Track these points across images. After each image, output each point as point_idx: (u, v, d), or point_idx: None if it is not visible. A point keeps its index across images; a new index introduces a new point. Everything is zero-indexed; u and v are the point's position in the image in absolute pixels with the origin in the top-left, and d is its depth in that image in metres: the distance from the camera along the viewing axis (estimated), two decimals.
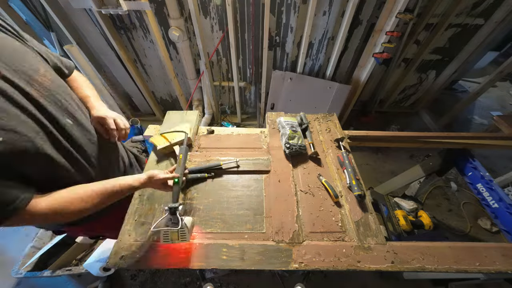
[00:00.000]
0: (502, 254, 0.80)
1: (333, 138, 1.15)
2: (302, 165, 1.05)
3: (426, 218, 1.72)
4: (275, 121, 1.23)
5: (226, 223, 0.86)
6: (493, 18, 2.11)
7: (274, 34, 2.08)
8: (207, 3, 1.86)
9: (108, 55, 2.14)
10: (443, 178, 2.22)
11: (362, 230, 0.84)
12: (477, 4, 2.04)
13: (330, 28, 2.04)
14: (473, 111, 3.16)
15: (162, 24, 1.98)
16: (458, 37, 2.29)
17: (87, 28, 1.93)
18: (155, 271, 1.60)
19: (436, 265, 0.76)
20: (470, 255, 0.79)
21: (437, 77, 2.69)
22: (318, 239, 0.82)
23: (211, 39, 2.12)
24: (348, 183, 0.95)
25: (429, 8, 2.05)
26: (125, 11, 1.68)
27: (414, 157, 2.48)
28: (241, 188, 0.97)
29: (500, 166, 2.38)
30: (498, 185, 1.22)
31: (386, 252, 0.79)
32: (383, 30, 1.92)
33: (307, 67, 2.34)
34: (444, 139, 1.32)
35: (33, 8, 1.77)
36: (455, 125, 2.89)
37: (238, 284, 1.55)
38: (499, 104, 3.37)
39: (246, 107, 2.84)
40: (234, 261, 0.75)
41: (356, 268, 0.75)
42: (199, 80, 2.37)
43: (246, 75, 2.45)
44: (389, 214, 1.74)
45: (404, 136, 1.28)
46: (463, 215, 1.99)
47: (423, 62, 2.51)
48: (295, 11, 1.92)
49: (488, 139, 1.34)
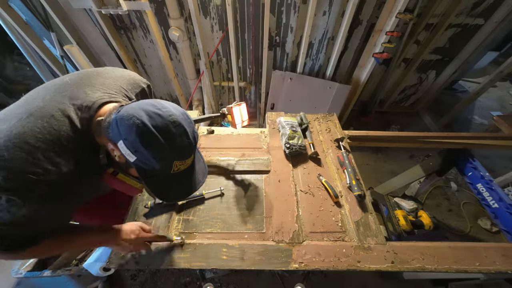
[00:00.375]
0: (502, 254, 0.80)
1: (333, 138, 1.15)
2: (302, 165, 1.05)
3: (426, 218, 1.72)
4: (275, 121, 1.23)
5: (226, 223, 0.86)
6: (493, 18, 2.11)
7: (274, 34, 2.08)
8: (207, 3, 1.86)
9: (108, 55, 2.14)
10: (443, 178, 2.22)
11: (362, 230, 0.84)
12: (477, 4, 2.04)
13: (330, 28, 2.04)
14: (473, 111, 3.16)
15: (162, 24, 1.98)
16: (458, 37, 2.29)
17: (87, 28, 1.93)
18: (155, 271, 1.60)
19: (436, 265, 0.76)
20: (470, 255, 0.79)
21: (437, 77, 2.69)
22: (318, 239, 0.82)
23: (211, 39, 2.11)
24: (348, 183, 0.96)
25: (429, 8, 2.05)
26: (125, 11, 1.68)
27: (414, 157, 2.48)
28: (241, 188, 0.97)
29: (500, 166, 2.38)
30: (498, 185, 1.22)
31: (386, 252, 0.79)
32: (383, 30, 1.92)
33: (307, 67, 2.34)
34: (444, 139, 1.32)
35: (33, 8, 1.76)
36: (455, 125, 2.89)
37: (238, 284, 1.55)
38: (499, 104, 3.37)
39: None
40: (234, 261, 0.75)
41: (356, 268, 0.75)
42: (199, 80, 2.37)
43: (246, 75, 2.45)
44: (389, 214, 1.74)
45: (404, 136, 1.29)
46: (463, 215, 1.99)
47: (423, 62, 2.51)
48: (295, 11, 1.92)
49: (488, 139, 1.34)
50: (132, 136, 0.49)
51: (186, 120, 0.55)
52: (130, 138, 0.49)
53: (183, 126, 0.53)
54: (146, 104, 0.52)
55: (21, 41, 2.07)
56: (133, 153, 0.50)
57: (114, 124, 0.51)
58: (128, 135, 0.49)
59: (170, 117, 0.51)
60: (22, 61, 2.63)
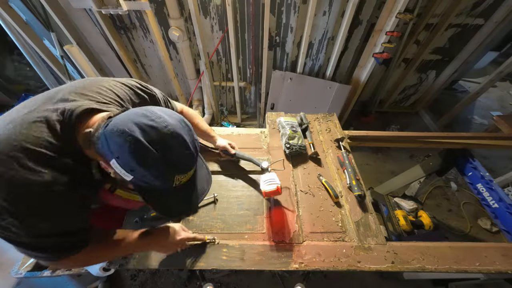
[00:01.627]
0: (502, 254, 0.80)
1: (333, 138, 1.15)
2: (302, 165, 1.05)
3: (426, 218, 1.72)
4: (275, 121, 1.23)
5: (226, 223, 0.86)
6: (493, 18, 2.11)
7: (274, 34, 2.08)
8: (207, 3, 1.86)
9: (108, 55, 2.14)
10: (443, 178, 2.21)
11: (362, 230, 0.84)
12: (477, 4, 2.04)
13: (330, 28, 2.04)
14: (473, 111, 3.16)
15: (162, 24, 1.98)
16: (458, 37, 2.29)
17: (87, 28, 1.93)
18: (155, 271, 1.60)
19: (436, 265, 0.76)
20: (470, 255, 0.79)
21: (437, 77, 2.69)
22: (318, 239, 0.82)
23: (211, 39, 2.11)
24: (348, 183, 0.95)
25: (429, 8, 2.05)
26: (125, 11, 1.68)
27: (414, 157, 2.48)
28: (241, 188, 0.97)
29: (500, 166, 2.38)
30: (498, 185, 1.22)
31: (386, 252, 0.79)
32: (383, 30, 1.92)
33: (307, 67, 2.34)
34: (444, 139, 1.32)
35: (33, 8, 1.76)
36: (455, 125, 2.89)
37: (238, 285, 1.55)
38: (499, 104, 3.37)
39: (246, 107, 2.84)
40: (234, 261, 0.75)
41: (356, 268, 0.75)
42: (199, 80, 2.37)
43: (246, 75, 2.45)
44: (389, 214, 1.74)
45: (404, 136, 1.28)
46: (463, 215, 1.99)
47: (423, 62, 2.51)
48: (295, 11, 1.92)
49: (488, 139, 1.34)
50: (125, 155, 0.44)
51: (184, 129, 0.50)
52: (123, 156, 0.44)
53: (181, 136, 0.48)
54: (136, 115, 0.46)
55: (21, 41, 2.07)
56: (128, 172, 0.46)
57: (104, 140, 0.46)
58: (120, 154, 0.44)
59: (166, 128, 0.46)
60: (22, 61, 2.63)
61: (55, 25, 1.81)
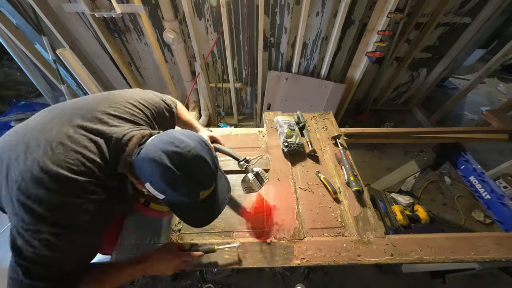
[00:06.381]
0: (496, 243, 0.83)
1: (330, 136, 1.17)
2: (301, 163, 1.07)
3: (422, 212, 1.76)
4: (272, 121, 1.24)
5: (227, 222, 0.86)
6: (480, 17, 2.18)
7: (269, 35, 2.10)
8: (201, 5, 1.87)
9: (102, 58, 2.12)
10: (437, 173, 2.27)
11: (361, 225, 0.85)
12: (464, 4, 2.11)
13: (324, 28, 2.08)
14: (463, 107, 3.24)
15: (156, 27, 1.98)
16: (447, 35, 2.36)
17: (80, 32, 1.90)
18: (155, 275, 1.58)
19: (434, 256, 0.78)
20: (465, 245, 0.82)
21: (428, 74, 2.76)
22: (319, 235, 0.83)
23: (206, 41, 2.12)
24: (346, 179, 0.97)
25: (418, 8, 2.10)
26: (119, 14, 1.66)
27: (408, 153, 2.53)
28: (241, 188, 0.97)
29: (490, 160, 2.44)
30: (490, 177, 1.26)
31: (385, 245, 0.80)
32: (375, 29, 1.96)
33: (302, 67, 2.36)
34: (437, 134, 1.36)
35: (24, 12, 1.74)
36: (447, 121, 2.96)
37: (239, 285, 1.55)
38: (488, 99, 3.47)
39: (243, 108, 2.85)
40: (236, 260, 0.76)
41: (357, 261, 0.76)
42: (194, 82, 2.37)
43: (241, 76, 2.46)
44: (386, 209, 1.77)
45: (399, 132, 1.32)
46: (458, 208, 2.04)
47: (414, 60, 2.57)
48: (289, 12, 1.95)
49: (479, 133, 1.39)
50: (157, 180, 0.51)
51: (204, 149, 0.56)
52: (155, 181, 0.52)
53: (203, 158, 0.55)
54: (163, 143, 0.53)
55: (12, 46, 2.04)
56: (161, 193, 0.53)
57: (138, 166, 0.54)
58: (153, 178, 0.52)
59: (190, 153, 0.52)
60: (13, 66, 2.58)
61: (47, 29, 1.78)
